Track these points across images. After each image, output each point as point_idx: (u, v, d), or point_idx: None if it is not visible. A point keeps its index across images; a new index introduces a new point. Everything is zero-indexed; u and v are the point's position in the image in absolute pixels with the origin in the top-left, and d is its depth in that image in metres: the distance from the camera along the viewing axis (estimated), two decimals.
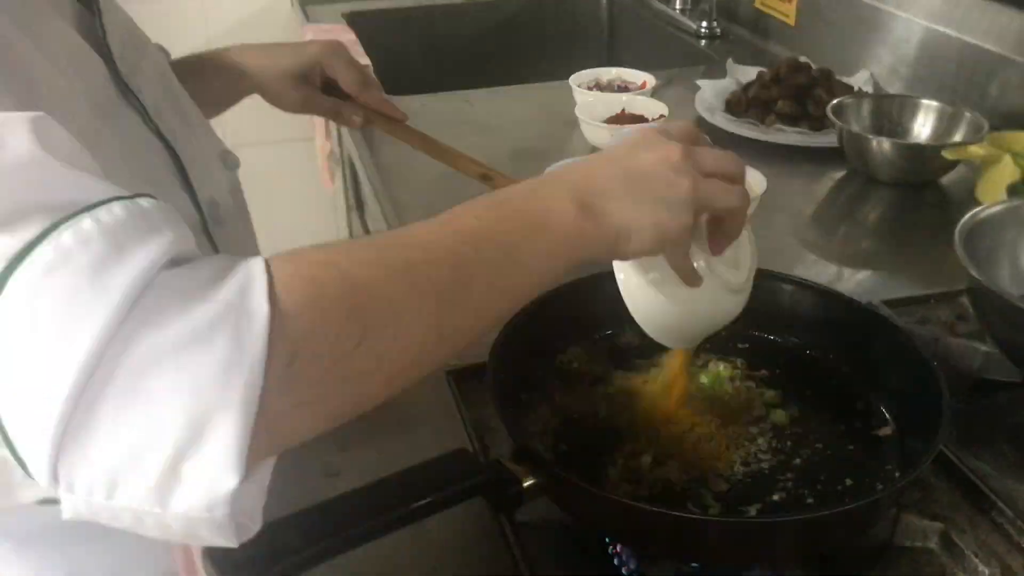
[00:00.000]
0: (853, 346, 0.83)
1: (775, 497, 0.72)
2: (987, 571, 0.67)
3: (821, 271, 1.13)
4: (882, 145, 1.28)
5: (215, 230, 0.81)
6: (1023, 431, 0.85)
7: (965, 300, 1.02)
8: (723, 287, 0.70)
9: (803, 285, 0.88)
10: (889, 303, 1.01)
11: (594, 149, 1.36)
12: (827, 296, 0.87)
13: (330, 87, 1.07)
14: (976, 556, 0.68)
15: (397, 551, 0.71)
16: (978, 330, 0.97)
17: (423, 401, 0.90)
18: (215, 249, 0.81)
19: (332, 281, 0.49)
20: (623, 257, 0.63)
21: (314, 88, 1.05)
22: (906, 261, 1.16)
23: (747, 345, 0.88)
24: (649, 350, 0.83)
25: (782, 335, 0.88)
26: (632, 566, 0.69)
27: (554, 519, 0.73)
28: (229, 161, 0.92)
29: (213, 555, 0.55)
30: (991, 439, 0.83)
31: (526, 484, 0.68)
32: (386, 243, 0.57)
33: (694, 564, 0.69)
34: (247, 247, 0.92)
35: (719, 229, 0.67)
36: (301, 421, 0.49)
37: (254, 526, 0.48)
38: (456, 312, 0.54)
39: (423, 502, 0.63)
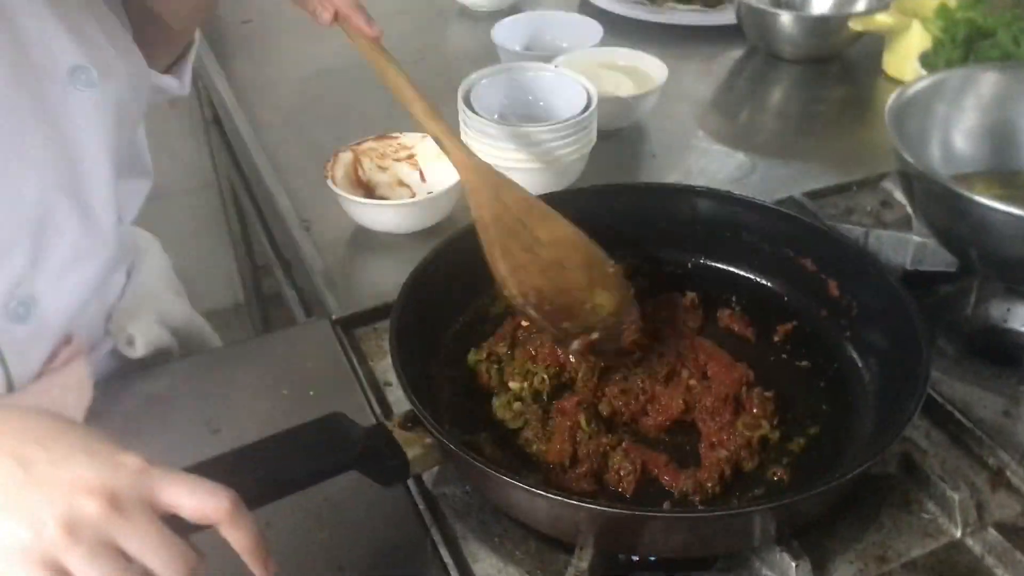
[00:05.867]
0: (813, 273, 0.76)
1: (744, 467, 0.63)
2: (956, 497, 0.60)
3: (732, 164, 1.04)
4: (783, 19, 1.18)
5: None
6: (961, 325, 0.79)
7: (888, 185, 0.95)
8: None
9: (745, 203, 0.79)
10: (810, 195, 0.94)
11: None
12: (779, 216, 0.78)
13: None
14: (943, 480, 0.61)
15: (296, 523, 0.61)
16: (905, 217, 0.90)
17: (314, 354, 0.78)
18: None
19: None
20: None
21: None
22: (819, 145, 1.08)
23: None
24: None
25: (730, 262, 0.79)
26: None
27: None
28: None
29: None
30: (930, 338, 0.77)
31: (412, 455, 0.57)
32: None
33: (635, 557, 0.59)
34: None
35: None
36: None
37: None
38: None
39: (286, 478, 0.53)
